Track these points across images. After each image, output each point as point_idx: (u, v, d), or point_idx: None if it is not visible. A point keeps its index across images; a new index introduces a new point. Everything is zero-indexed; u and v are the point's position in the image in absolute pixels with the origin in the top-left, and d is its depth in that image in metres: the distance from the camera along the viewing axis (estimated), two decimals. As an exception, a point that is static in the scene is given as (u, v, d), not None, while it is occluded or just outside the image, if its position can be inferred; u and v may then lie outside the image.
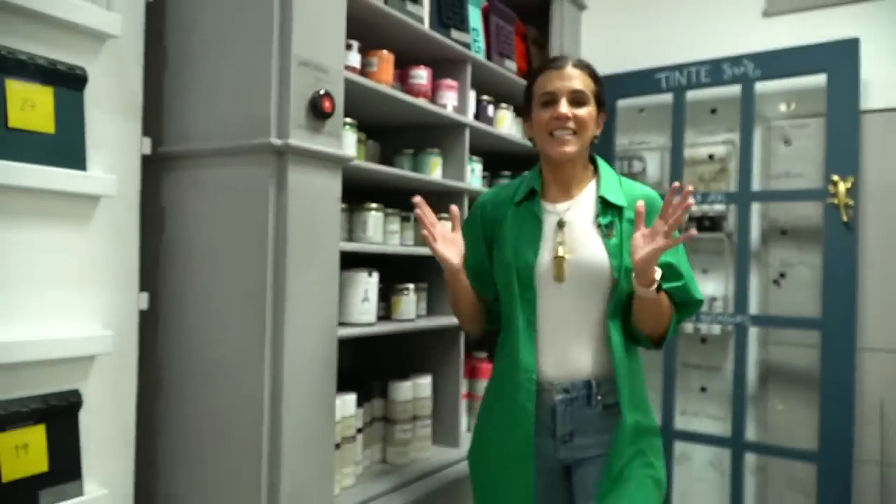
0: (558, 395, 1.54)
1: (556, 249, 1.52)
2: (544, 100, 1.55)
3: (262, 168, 1.49)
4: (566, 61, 1.57)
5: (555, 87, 1.54)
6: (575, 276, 1.52)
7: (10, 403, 1.27)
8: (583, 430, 1.56)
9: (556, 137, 1.53)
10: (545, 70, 1.58)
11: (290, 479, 1.49)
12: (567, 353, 1.55)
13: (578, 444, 1.56)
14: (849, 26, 2.84)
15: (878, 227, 2.80)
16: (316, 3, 1.54)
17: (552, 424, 1.55)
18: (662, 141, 3.23)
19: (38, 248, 1.32)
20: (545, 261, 1.54)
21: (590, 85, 1.56)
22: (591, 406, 1.55)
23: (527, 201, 1.61)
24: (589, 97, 1.55)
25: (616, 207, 1.55)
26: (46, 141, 1.31)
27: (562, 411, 1.54)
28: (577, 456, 1.57)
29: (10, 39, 1.26)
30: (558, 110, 1.52)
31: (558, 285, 1.52)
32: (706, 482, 3.10)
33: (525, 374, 1.54)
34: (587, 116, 1.54)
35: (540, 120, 1.55)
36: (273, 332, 1.48)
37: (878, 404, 2.76)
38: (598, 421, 1.56)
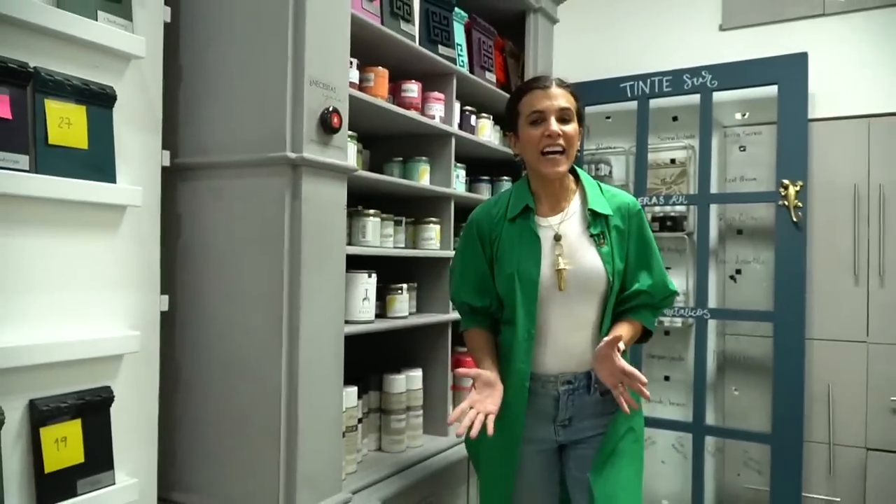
0: (562, 387, 1.69)
1: (556, 262, 1.65)
2: (533, 118, 1.65)
3: (278, 179, 1.61)
4: (550, 81, 1.68)
5: (543, 106, 1.64)
6: (574, 284, 1.65)
7: (50, 400, 1.36)
8: (581, 415, 1.72)
9: (548, 158, 1.64)
10: (531, 90, 1.68)
11: (306, 463, 1.63)
12: (568, 350, 1.70)
13: (576, 427, 1.73)
14: (798, 41, 3.06)
15: (824, 227, 3.02)
16: (325, 26, 1.67)
17: (554, 412, 1.71)
18: (627, 146, 3.42)
19: (73, 255, 1.41)
20: (547, 274, 1.66)
21: (573, 103, 1.68)
22: (590, 394, 1.71)
23: (521, 217, 1.71)
24: (573, 114, 1.67)
25: (603, 216, 1.69)
26: (81, 155, 1.40)
27: (564, 400, 1.70)
28: (573, 437, 1.74)
29: (48, 61, 1.36)
30: (550, 128, 1.62)
31: (560, 293, 1.65)
32: (670, 464, 3.31)
33: (520, 382, 1.68)
34: (574, 133, 1.66)
35: (531, 138, 1.65)
36: (289, 330, 1.61)
37: (826, 389, 2.98)
38: (595, 406, 1.72)
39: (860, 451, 2.92)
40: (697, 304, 3.09)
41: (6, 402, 1.28)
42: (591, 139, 3.51)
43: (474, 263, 1.76)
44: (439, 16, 2.26)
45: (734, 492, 3.16)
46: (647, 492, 3.27)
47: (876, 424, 2.89)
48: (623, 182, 3.45)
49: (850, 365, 2.96)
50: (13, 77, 1.28)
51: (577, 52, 3.50)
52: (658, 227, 3.31)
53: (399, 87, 2.15)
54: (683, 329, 3.27)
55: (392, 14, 2.01)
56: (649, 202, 3.20)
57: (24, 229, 1.33)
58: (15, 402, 1.30)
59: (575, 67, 3.42)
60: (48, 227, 1.37)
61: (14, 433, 1.30)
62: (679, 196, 3.20)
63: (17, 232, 1.31)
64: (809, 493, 2.97)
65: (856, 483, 2.91)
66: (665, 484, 3.32)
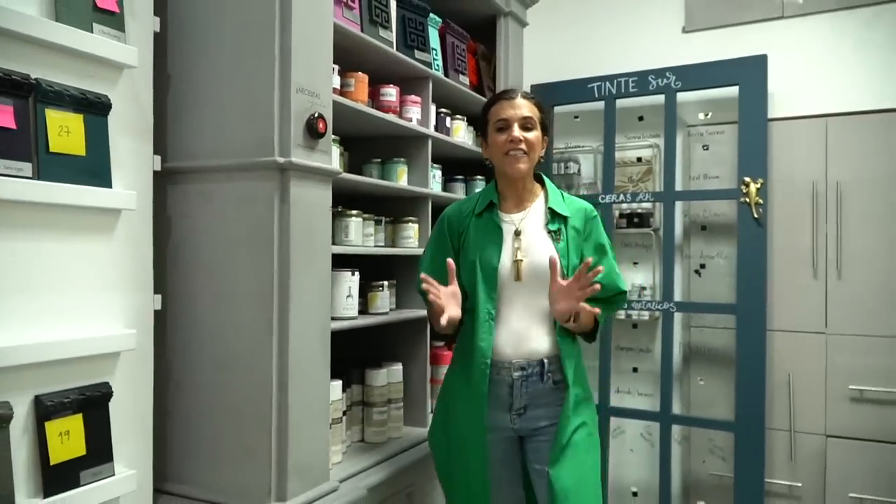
0: (516, 373, 1.82)
1: (514, 254, 1.81)
2: (499, 125, 1.85)
3: (267, 182, 1.69)
4: (516, 93, 1.88)
5: (508, 114, 1.84)
6: (530, 275, 1.81)
7: (54, 395, 1.43)
8: (535, 403, 1.84)
9: (511, 157, 1.82)
10: (498, 101, 1.88)
11: (296, 453, 1.71)
12: (523, 337, 1.83)
13: (531, 416, 1.85)
14: (759, 42, 3.20)
15: (784, 223, 3.15)
16: (310, 35, 1.75)
17: (510, 399, 1.83)
18: (595, 144, 3.53)
19: (72, 257, 1.48)
20: (506, 264, 1.82)
21: (536, 113, 1.87)
22: (543, 382, 1.83)
23: (487, 212, 1.89)
24: (536, 123, 1.86)
25: (562, 217, 1.85)
26: (79, 162, 1.47)
27: (518, 386, 1.82)
28: (530, 426, 1.85)
29: (47, 72, 1.42)
30: (512, 134, 1.81)
31: (517, 283, 1.81)
32: (638, 452, 3.44)
33: (481, 359, 1.81)
34: (535, 139, 1.84)
35: (497, 142, 1.85)
36: (279, 327, 1.69)
37: (787, 379, 3.12)
38: (548, 395, 1.84)
39: (820, 438, 3.05)
40: (664, 298, 3.20)
41: (13, 397, 1.35)
42: (560, 138, 3.62)
43: (442, 254, 1.88)
44: (415, 22, 2.35)
45: (700, 478, 3.30)
46: (617, 479, 3.40)
47: (835, 412, 3.02)
48: (591, 180, 3.57)
49: (809, 355, 3.09)
50: (16, 88, 1.34)
51: (546, 54, 3.61)
52: (625, 224, 3.43)
53: (378, 91, 2.24)
54: (650, 322, 3.39)
55: (371, 21, 2.09)
56: (616, 199, 3.32)
57: (27, 233, 1.39)
58: (21, 397, 1.37)
59: (544, 67, 3.56)
60: (49, 230, 1.43)
61: (21, 427, 1.37)
62: (645, 193, 3.32)
63: (21, 236, 1.37)
64: (772, 478, 3.10)
65: (816, 468, 3.05)
66: (634, 472, 3.44)
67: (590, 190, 3.53)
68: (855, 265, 3.03)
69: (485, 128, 1.92)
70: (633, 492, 3.41)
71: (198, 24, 1.79)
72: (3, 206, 1.33)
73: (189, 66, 1.80)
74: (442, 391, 1.99)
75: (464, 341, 1.89)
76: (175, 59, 1.82)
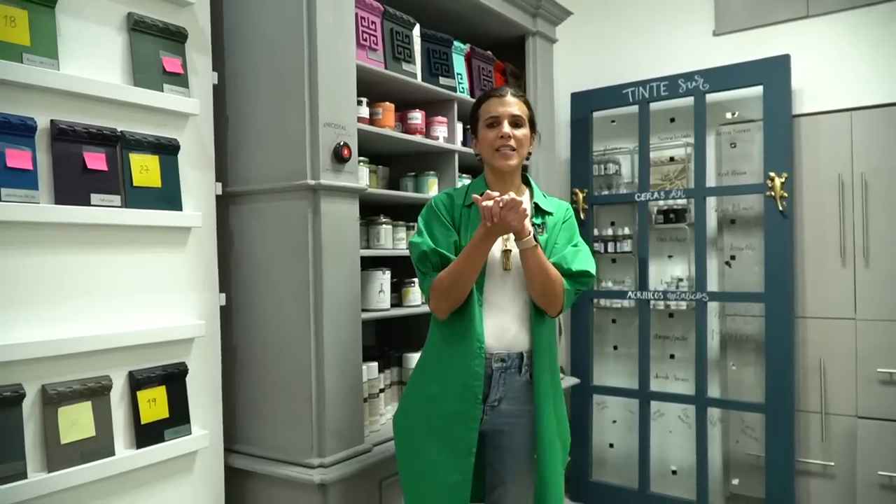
0: (496, 364, 1.87)
1: (504, 244, 1.87)
2: (489, 122, 1.91)
3: (301, 201, 2.09)
4: (506, 91, 1.93)
5: (498, 111, 1.89)
6: (517, 266, 1.86)
7: (143, 371, 1.87)
8: (510, 396, 1.90)
9: (500, 153, 1.88)
10: (489, 98, 1.94)
11: (332, 420, 2.10)
12: (505, 328, 1.89)
13: (503, 411, 1.90)
14: (785, 42, 3.35)
15: (812, 215, 3.29)
16: (334, 79, 2.13)
17: (486, 390, 1.87)
18: (632, 146, 3.76)
19: (154, 265, 1.92)
20: (495, 255, 1.87)
21: (525, 111, 1.93)
22: (520, 374, 1.90)
23: None
24: (525, 121, 1.92)
25: (545, 212, 1.96)
26: (156, 192, 1.90)
27: (497, 378, 1.88)
28: (497, 422, 1.90)
29: (130, 125, 1.85)
30: (502, 130, 1.87)
31: (505, 274, 1.88)
32: (677, 434, 3.64)
33: (477, 344, 1.84)
34: (523, 137, 1.91)
35: (487, 138, 1.91)
36: (315, 316, 2.08)
37: (819, 363, 3.25)
38: (524, 390, 1.91)
39: (851, 419, 3.17)
40: (697, 289, 3.41)
41: (112, 372, 1.79)
42: (599, 141, 3.85)
43: (445, 233, 1.90)
44: (439, 52, 2.70)
45: (735, 458, 3.47)
46: (657, 459, 3.61)
47: (865, 394, 3.13)
48: (630, 179, 3.79)
49: (840, 340, 3.21)
50: (107, 140, 1.79)
51: (584, 64, 3.89)
52: (662, 220, 3.63)
53: (406, 115, 2.60)
54: (687, 311, 3.58)
55: (394, 58, 2.46)
56: (651, 197, 3.55)
57: (120, 248, 1.83)
58: (119, 372, 1.81)
59: (581, 76, 3.83)
60: (136, 246, 1.87)
61: (119, 395, 1.81)
62: (677, 191, 3.53)
63: (114, 250, 1.82)
64: (807, 458, 3.25)
65: (848, 448, 3.17)
66: (673, 452, 3.64)
67: (629, 189, 3.76)
68: (882, 253, 3.13)
69: (475, 124, 1.96)
70: (672, 470, 3.61)
71: (247, 75, 2.22)
72: (102, 229, 1.78)
73: (242, 110, 2.23)
74: (417, 378, 2.00)
75: (449, 325, 1.90)
76: (231, 104, 2.25)
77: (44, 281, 1.66)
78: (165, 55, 1.94)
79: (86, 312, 1.75)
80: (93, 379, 1.75)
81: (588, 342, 3.75)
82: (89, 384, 1.73)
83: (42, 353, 1.63)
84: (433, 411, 1.90)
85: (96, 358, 1.76)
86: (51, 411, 1.65)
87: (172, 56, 1.96)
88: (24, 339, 1.60)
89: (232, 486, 2.17)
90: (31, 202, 1.61)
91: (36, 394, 1.63)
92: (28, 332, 1.62)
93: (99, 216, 1.75)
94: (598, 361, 3.85)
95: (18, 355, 1.58)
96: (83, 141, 1.74)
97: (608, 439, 3.86)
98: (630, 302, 3.70)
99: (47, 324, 1.66)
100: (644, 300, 3.57)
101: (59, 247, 1.70)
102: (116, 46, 1.84)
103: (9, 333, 1.59)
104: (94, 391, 1.74)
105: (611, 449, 3.85)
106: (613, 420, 3.84)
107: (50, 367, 1.66)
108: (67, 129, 1.70)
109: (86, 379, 1.73)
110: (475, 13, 2.89)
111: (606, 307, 3.86)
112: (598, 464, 3.82)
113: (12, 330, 1.59)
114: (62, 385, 1.67)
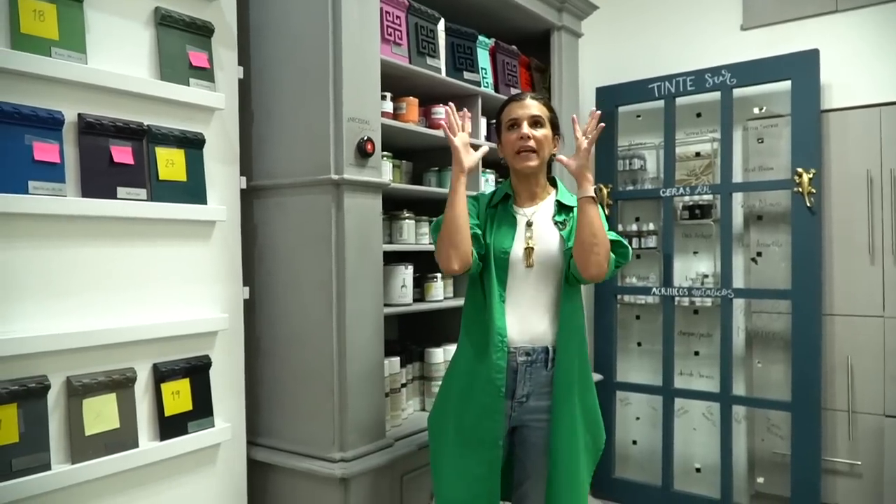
0: (521, 357, 1.90)
1: (526, 241, 1.93)
2: (510, 125, 1.96)
3: (325, 195, 2.09)
4: (526, 95, 1.99)
5: (517, 114, 1.95)
6: (539, 261, 1.91)
7: (167, 364, 1.88)
8: (538, 392, 1.92)
9: (521, 156, 1.93)
10: (510, 103, 2.00)
11: (354, 413, 2.11)
12: (530, 322, 1.92)
13: (531, 406, 1.93)
14: (814, 36, 3.30)
15: (841, 211, 3.24)
16: (358, 74, 2.13)
17: (513, 385, 1.91)
18: (657, 141, 3.72)
19: (179, 258, 1.93)
20: (517, 250, 1.92)
21: (545, 112, 1.97)
22: (547, 369, 1.92)
23: (502, 204, 2.00)
24: (545, 122, 1.95)
25: (569, 208, 1.98)
26: (182, 186, 1.92)
27: (522, 372, 1.90)
28: (525, 418, 1.94)
29: (156, 119, 1.87)
30: (522, 131, 1.92)
31: (527, 270, 1.92)
32: (701, 431, 3.61)
33: (499, 337, 1.88)
34: (543, 137, 1.94)
35: (508, 141, 1.96)
36: (337, 310, 2.08)
37: (846, 361, 3.21)
38: (548, 385, 1.92)
39: (879, 417, 3.13)
40: (723, 285, 3.37)
41: (136, 364, 1.81)
42: (624, 136, 3.83)
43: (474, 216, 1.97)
44: (463, 47, 2.69)
45: (760, 456, 3.43)
46: (681, 457, 3.58)
47: (893, 393, 3.09)
48: (655, 175, 3.76)
49: (868, 338, 3.17)
50: (134, 134, 1.81)
51: (610, 58, 3.87)
52: (688, 216, 3.60)
53: (430, 109, 2.59)
54: (712, 308, 3.54)
55: (419, 53, 2.45)
56: (676, 193, 3.51)
57: (145, 241, 1.85)
58: (143, 364, 1.83)
59: (606, 71, 3.81)
60: (162, 238, 1.89)
61: (143, 387, 1.83)
62: (703, 186, 3.49)
63: (140, 244, 1.84)
64: (833, 457, 3.21)
65: (875, 447, 3.13)
66: (697, 449, 3.61)
67: (654, 184, 3.72)
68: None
69: (499, 129, 2.03)
70: (696, 468, 3.58)
71: (272, 70, 2.22)
72: (127, 222, 1.80)
73: (267, 104, 2.24)
74: (448, 375, 2.07)
75: (474, 322, 1.97)
76: (257, 99, 2.26)
77: (70, 274, 1.68)
78: (192, 50, 1.96)
79: (111, 305, 1.77)
80: (117, 371, 1.77)
81: (612, 338, 3.73)
82: (114, 376, 1.75)
83: (67, 344, 1.65)
84: (462, 406, 1.95)
85: (121, 350, 1.78)
86: (75, 403, 1.67)
87: (199, 51, 1.97)
88: (50, 330, 1.63)
89: (254, 479, 2.19)
90: (58, 195, 1.63)
91: (61, 385, 1.66)
92: (53, 324, 1.64)
93: (125, 209, 1.77)
94: (622, 358, 3.83)
95: (43, 347, 1.60)
96: (110, 135, 1.76)
97: (631, 436, 3.83)
98: (654, 298, 3.66)
99: (73, 316, 1.68)
100: (669, 297, 3.54)
101: (85, 240, 1.72)
102: (143, 41, 1.86)
103: (35, 325, 1.61)
104: (118, 383, 1.76)
105: (634, 446, 3.83)
106: (637, 417, 3.82)
107: (75, 358, 1.68)
108: (94, 123, 1.71)
109: (110, 371, 1.75)
110: (500, 8, 2.88)
111: (631, 303, 3.83)
112: (622, 460, 3.80)
113: (38, 321, 1.62)
114: (87, 377, 1.69)
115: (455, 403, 1.98)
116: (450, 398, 2.01)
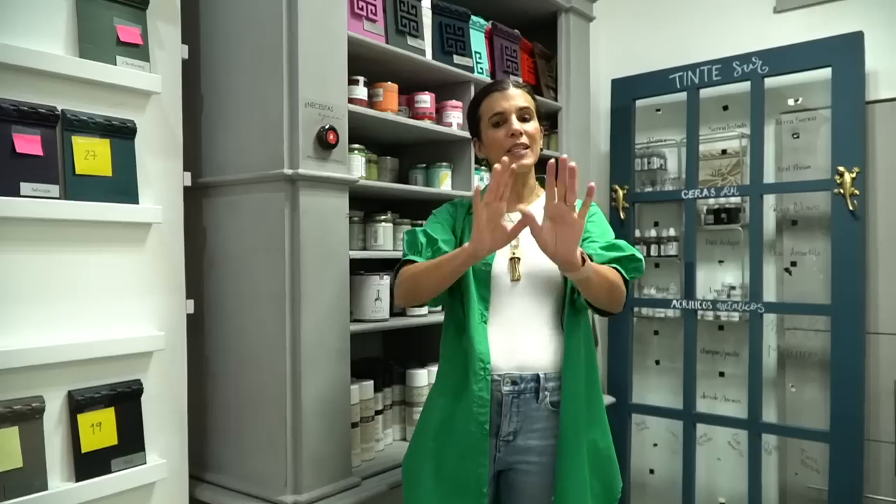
0: (506, 387, 1.60)
1: (511, 251, 1.64)
2: (495, 120, 1.67)
3: (277, 193, 1.80)
4: (507, 83, 1.71)
5: (503, 107, 1.66)
6: (527, 274, 1.63)
7: (85, 391, 1.60)
8: (526, 429, 1.61)
9: (513, 154, 1.63)
10: (489, 93, 1.71)
11: (310, 444, 1.81)
12: (517, 346, 1.62)
13: (518, 446, 1.62)
14: (857, 18, 2.95)
15: (887, 215, 2.89)
16: (319, 52, 1.84)
17: (497, 419, 1.61)
18: (679, 137, 3.39)
19: (103, 266, 1.65)
20: (501, 262, 1.64)
21: (531, 102, 1.71)
22: (538, 401, 1.61)
23: None
24: (533, 113, 1.69)
25: None
26: (106, 182, 1.64)
27: (508, 404, 1.60)
28: (511, 460, 1.63)
29: (75, 103, 1.60)
30: (512, 127, 1.64)
31: (513, 284, 1.63)
32: (726, 461, 3.28)
33: (480, 364, 1.59)
34: (535, 131, 1.68)
35: (495, 139, 1.67)
36: (291, 326, 1.80)
37: (892, 386, 2.86)
38: (544, 421, 1.62)
39: (929, 451, 2.79)
40: (752, 298, 3.03)
41: (47, 392, 1.53)
42: (643, 133, 3.51)
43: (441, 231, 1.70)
44: (453, 27, 2.37)
45: (794, 491, 3.09)
46: (703, 489, 3.26)
47: (946, 423, 2.75)
48: (676, 175, 3.43)
49: (918, 360, 2.82)
50: (43, 120, 1.53)
51: (622, 45, 3.55)
52: (713, 220, 3.27)
53: (413, 98, 2.29)
54: (740, 323, 3.21)
55: (398, 32, 2.14)
56: (700, 195, 3.18)
57: (61, 246, 1.57)
58: (56, 392, 1.56)
59: (621, 60, 3.52)
60: (81, 243, 1.61)
61: (55, 419, 1.55)
62: (730, 187, 3.15)
63: (54, 248, 1.56)
64: (876, 494, 2.87)
65: (925, 484, 2.79)
66: (722, 481, 3.29)
67: (676, 185, 3.40)
68: (971, 261, 2.71)
69: (477, 125, 1.74)
70: (720, 502, 3.26)
71: (223, 48, 1.94)
72: (34, 224, 1.52)
73: (217, 88, 1.96)
74: (426, 410, 1.77)
75: (454, 346, 1.69)
76: (206, 81, 1.98)
77: (-45, 285, 1.41)
78: (120, 23, 1.68)
79: (12, 322, 1.50)
80: (20, 400, 1.49)
81: (627, 355, 3.42)
82: (15, 406, 1.48)
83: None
84: (440, 448, 1.66)
85: (26, 375, 1.51)
86: (-37, 439, 1.39)
87: (129, 24, 1.70)
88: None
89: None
90: (-65, 191, 1.35)
91: (-56, 419, 1.38)
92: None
93: (30, 209, 1.50)
94: (638, 377, 3.51)
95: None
96: (12, 120, 1.49)
97: (648, 464, 3.53)
98: (675, 312, 3.34)
99: (-41, 336, 1.40)
100: (690, 310, 3.21)
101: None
102: (60, 11, 1.59)
103: None
104: (21, 415, 1.49)
105: (651, 475, 3.51)
106: (654, 443, 3.51)
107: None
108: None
109: (12, 400, 1.48)
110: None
111: (648, 317, 3.51)
112: (637, 490, 3.51)
113: None
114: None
115: (433, 445, 1.67)
116: (427, 439, 1.70)
